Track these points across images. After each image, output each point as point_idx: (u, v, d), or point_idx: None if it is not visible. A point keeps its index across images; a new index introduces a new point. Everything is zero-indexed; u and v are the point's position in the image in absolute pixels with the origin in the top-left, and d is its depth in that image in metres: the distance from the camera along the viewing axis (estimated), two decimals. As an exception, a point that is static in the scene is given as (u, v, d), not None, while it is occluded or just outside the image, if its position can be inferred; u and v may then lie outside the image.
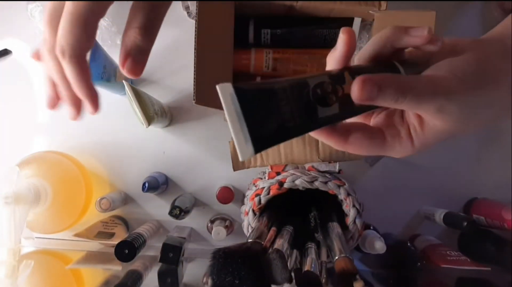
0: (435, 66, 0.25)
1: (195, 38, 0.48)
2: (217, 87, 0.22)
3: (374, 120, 0.28)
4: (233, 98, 0.22)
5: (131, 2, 0.24)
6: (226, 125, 0.77)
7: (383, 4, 0.55)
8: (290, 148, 0.56)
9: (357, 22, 0.58)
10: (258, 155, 0.57)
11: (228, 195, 0.65)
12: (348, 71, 0.25)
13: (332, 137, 0.25)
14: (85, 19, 0.23)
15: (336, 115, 0.24)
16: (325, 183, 0.51)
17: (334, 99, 0.24)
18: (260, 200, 0.52)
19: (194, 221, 0.70)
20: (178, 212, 0.59)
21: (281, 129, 0.23)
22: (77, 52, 0.24)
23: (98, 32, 0.65)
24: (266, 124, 0.22)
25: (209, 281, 0.38)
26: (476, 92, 0.23)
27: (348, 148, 0.25)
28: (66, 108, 0.24)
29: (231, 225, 0.67)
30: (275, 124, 0.22)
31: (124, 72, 0.23)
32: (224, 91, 0.22)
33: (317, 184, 0.50)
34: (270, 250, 0.41)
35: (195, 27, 0.48)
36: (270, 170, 0.57)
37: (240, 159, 0.22)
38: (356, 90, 0.21)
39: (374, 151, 0.26)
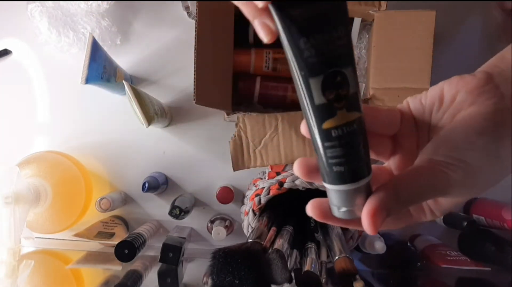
0: (432, 146, 0.22)
1: (195, 38, 0.48)
2: None
3: None
4: None
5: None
6: (226, 125, 0.77)
7: (383, 4, 0.55)
8: (290, 148, 0.56)
9: (357, 22, 0.58)
10: (258, 155, 0.57)
11: (228, 195, 0.65)
12: None
13: (361, 226, 0.25)
14: None
15: None
16: (325, 183, 0.50)
17: None
18: (260, 200, 0.52)
19: (194, 221, 0.70)
20: (178, 212, 0.59)
21: None
22: None
23: (98, 31, 0.65)
24: None
25: (209, 281, 0.38)
26: (481, 175, 0.21)
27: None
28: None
29: (231, 225, 0.67)
30: None
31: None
32: None
33: (317, 184, 0.50)
34: (270, 250, 0.41)
35: (195, 27, 0.48)
36: (270, 170, 0.57)
37: None
38: (369, 228, 0.20)
39: (400, 226, 0.26)
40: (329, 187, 0.22)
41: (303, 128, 0.23)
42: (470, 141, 0.21)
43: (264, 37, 0.20)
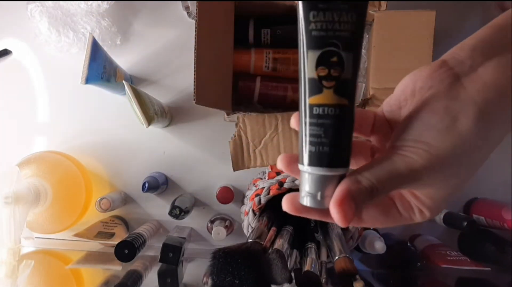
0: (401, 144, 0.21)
1: (195, 38, 0.48)
2: None
3: None
4: None
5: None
6: (226, 125, 0.77)
7: (383, 4, 0.55)
8: (290, 148, 0.56)
9: (357, 22, 0.58)
10: (258, 154, 0.57)
11: (228, 195, 0.65)
12: None
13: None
14: None
15: None
16: (325, 183, 0.50)
17: None
18: (260, 200, 0.52)
19: (194, 221, 0.70)
20: (178, 212, 0.59)
21: None
22: None
23: (98, 31, 0.65)
24: None
25: (209, 281, 0.38)
26: (442, 157, 0.20)
27: (366, 225, 0.24)
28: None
29: (231, 225, 0.67)
30: None
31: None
32: None
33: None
34: (270, 250, 0.41)
35: (195, 27, 0.48)
36: (270, 170, 0.57)
37: None
38: (339, 219, 0.20)
39: (392, 224, 0.24)
40: (301, 168, 0.22)
41: (293, 120, 0.23)
42: (425, 121, 0.21)
43: None
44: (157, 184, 0.64)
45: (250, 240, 0.42)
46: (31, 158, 0.63)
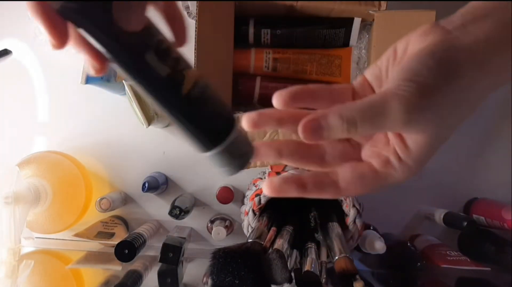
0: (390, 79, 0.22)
1: (195, 38, 0.48)
2: None
3: (363, 154, 0.26)
4: None
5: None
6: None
7: (383, 4, 0.55)
8: (290, 148, 0.56)
9: (357, 22, 0.58)
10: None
11: (228, 195, 0.65)
12: None
13: (324, 192, 0.24)
14: None
15: None
16: (325, 183, 0.50)
17: None
18: (260, 200, 0.52)
19: (194, 221, 0.70)
20: (178, 212, 0.59)
21: None
22: None
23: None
24: None
25: (209, 281, 0.38)
26: (437, 93, 0.20)
27: (346, 193, 0.24)
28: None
29: (231, 225, 0.67)
30: None
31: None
32: None
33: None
34: (270, 250, 0.41)
35: (195, 27, 0.48)
36: (270, 170, 0.57)
37: None
38: (302, 135, 0.21)
39: (373, 186, 0.23)
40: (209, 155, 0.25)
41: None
42: (422, 62, 0.21)
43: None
44: (157, 184, 0.64)
45: (250, 240, 0.42)
46: (31, 158, 0.63)
